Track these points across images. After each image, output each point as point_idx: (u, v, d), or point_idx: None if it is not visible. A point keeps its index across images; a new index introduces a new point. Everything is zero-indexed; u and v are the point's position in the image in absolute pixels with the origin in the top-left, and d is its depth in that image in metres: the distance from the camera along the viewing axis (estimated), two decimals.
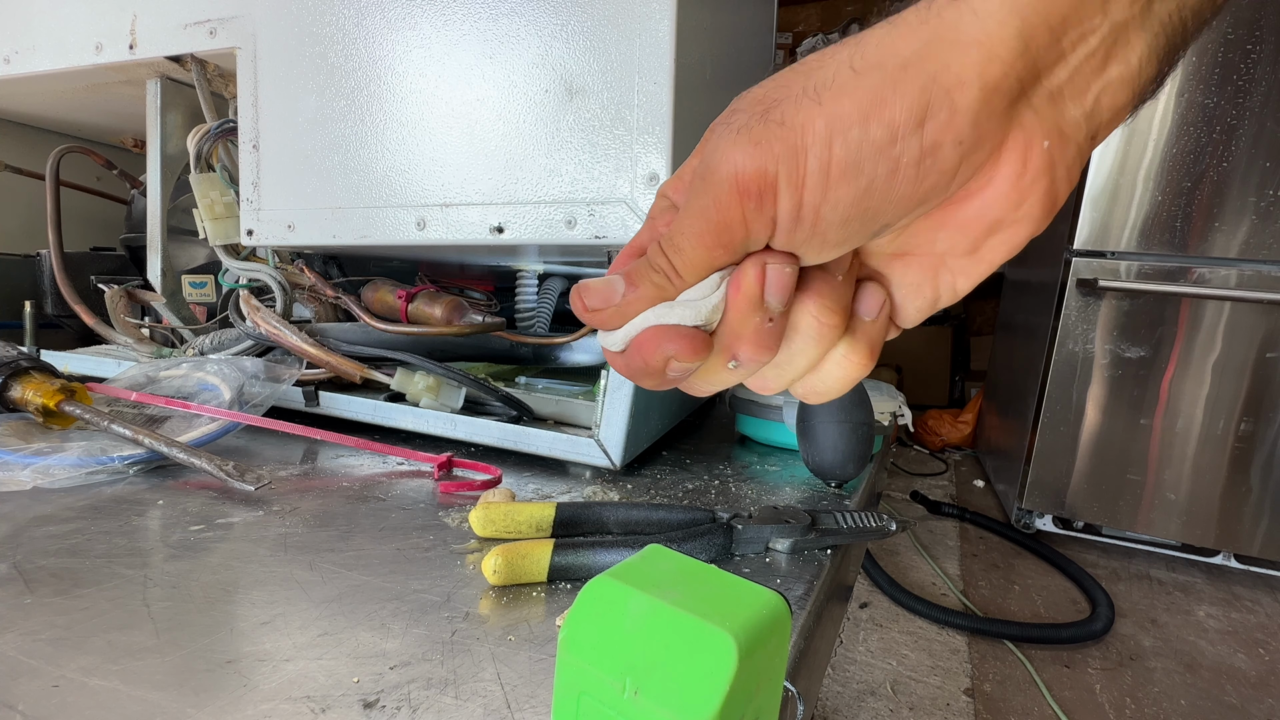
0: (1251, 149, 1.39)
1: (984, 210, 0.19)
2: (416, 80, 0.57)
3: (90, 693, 0.28)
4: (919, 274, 0.22)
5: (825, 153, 0.18)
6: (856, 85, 0.18)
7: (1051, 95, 0.18)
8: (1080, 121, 0.19)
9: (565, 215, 0.54)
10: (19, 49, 0.75)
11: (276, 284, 0.70)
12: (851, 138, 0.18)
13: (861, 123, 0.18)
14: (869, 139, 0.18)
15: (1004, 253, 0.21)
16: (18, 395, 0.58)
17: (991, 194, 0.19)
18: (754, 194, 0.19)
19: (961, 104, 0.17)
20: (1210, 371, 1.49)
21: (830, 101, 0.18)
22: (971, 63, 0.17)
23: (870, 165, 0.18)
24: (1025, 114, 0.18)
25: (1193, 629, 1.37)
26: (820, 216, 0.19)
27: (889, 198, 0.18)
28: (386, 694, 0.28)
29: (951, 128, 0.17)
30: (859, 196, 0.18)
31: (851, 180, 0.18)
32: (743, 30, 0.70)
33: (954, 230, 0.20)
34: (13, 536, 0.41)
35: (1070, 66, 0.18)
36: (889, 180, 0.18)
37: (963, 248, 0.21)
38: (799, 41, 3.17)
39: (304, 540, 0.42)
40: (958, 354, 2.92)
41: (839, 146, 0.18)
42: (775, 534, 0.42)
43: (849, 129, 0.18)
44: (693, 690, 0.19)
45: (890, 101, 0.17)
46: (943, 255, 0.21)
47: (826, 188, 0.18)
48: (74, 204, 1.02)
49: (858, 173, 0.18)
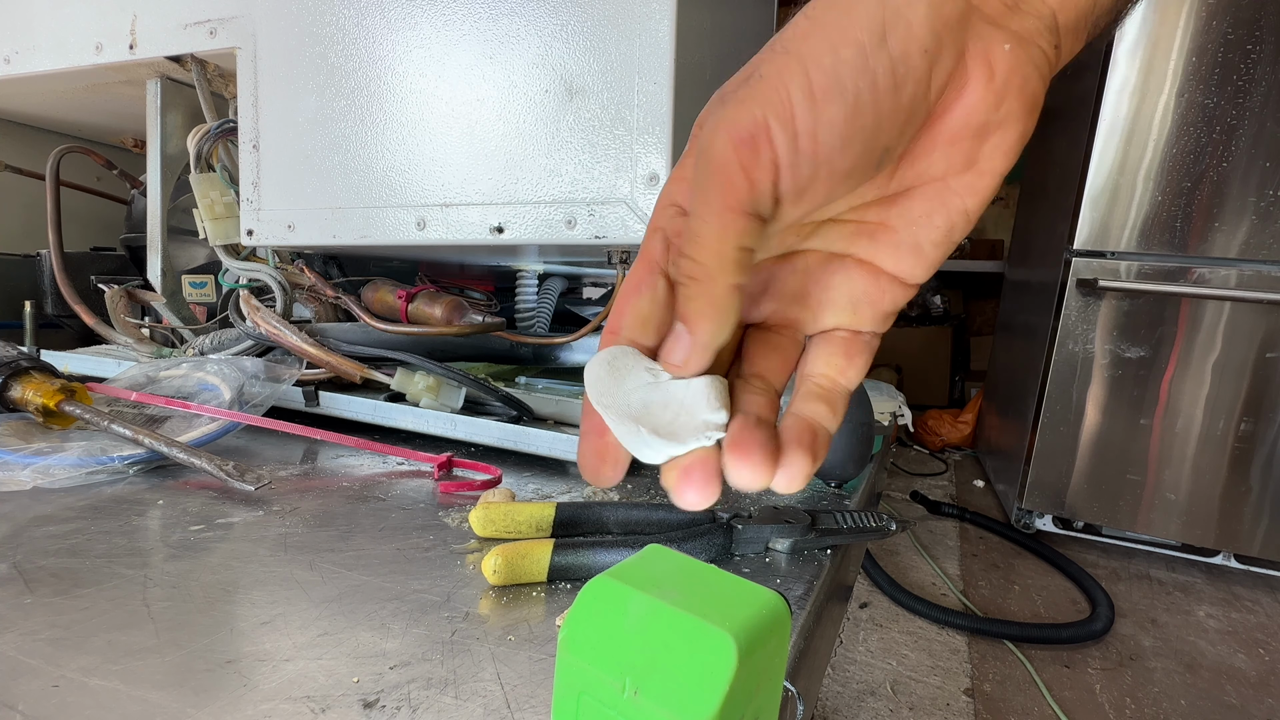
0: (1251, 149, 1.39)
1: (967, 117, 0.20)
2: (416, 80, 0.57)
3: (90, 693, 0.28)
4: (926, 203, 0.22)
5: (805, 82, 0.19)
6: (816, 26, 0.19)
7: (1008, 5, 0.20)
8: (1041, 30, 0.20)
9: (565, 215, 0.54)
10: (19, 49, 0.75)
11: (276, 284, 0.70)
12: (825, 64, 0.19)
13: (831, 50, 0.19)
14: (842, 60, 0.19)
15: (1002, 160, 0.21)
16: (18, 395, 0.58)
17: (969, 99, 0.20)
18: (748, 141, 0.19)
19: (914, 17, 0.19)
20: (1210, 371, 1.49)
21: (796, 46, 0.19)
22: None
23: (851, 82, 0.19)
24: (980, 25, 0.20)
25: (1193, 629, 1.37)
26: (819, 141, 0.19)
27: (879, 113, 0.19)
28: (386, 694, 0.28)
29: (913, 38, 0.19)
30: (850, 114, 0.19)
31: (837, 98, 0.19)
32: (743, 30, 0.70)
33: (946, 147, 0.21)
34: (13, 536, 0.41)
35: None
36: (873, 94, 0.19)
37: (959, 163, 0.21)
38: None
39: (304, 540, 0.42)
40: (958, 354, 2.92)
41: (816, 73, 0.19)
42: (775, 534, 0.42)
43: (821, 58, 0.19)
44: (693, 690, 0.19)
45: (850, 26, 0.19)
46: (944, 177, 0.22)
47: (815, 111, 0.19)
48: (74, 204, 1.02)
49: (841, 90, 0.19)
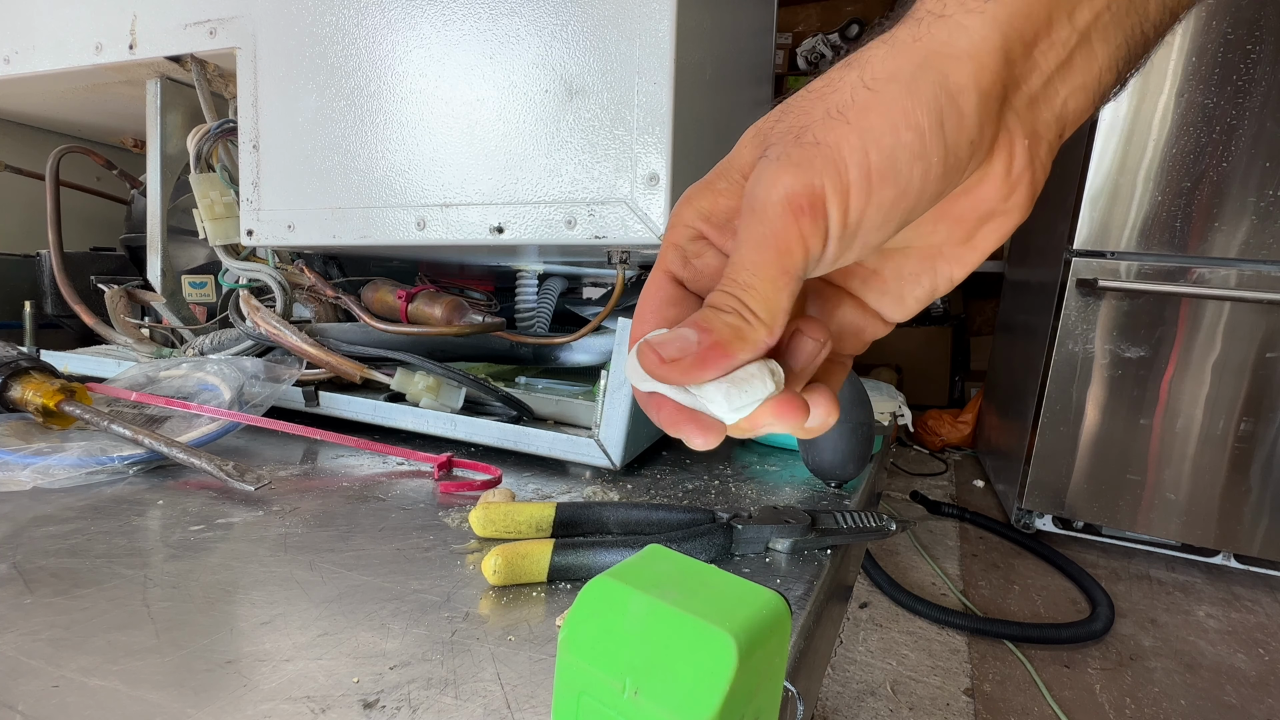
0: (1251, 149, 1.39)
1: (979, 203, 0.21)
2: (416, 80, 0.57)
3: (90, 693, 0.28)
4: (917, 264, 0.24)
5: (864, 160, 0.19)
6: (877, 100, 0.19)
7: (1030, 100, 0.21)
8: (1051, 122, 0.21)
9: (565, 215, 0.54)
10: (19, 49, 0.75)
11: (276, 284, 0.70)
12: (885, 145, 0.19)
13: (892, 131, 0.19)
14: (902, 144, 0.19)
15: (995, 240, 0.23)
16: (18, 395, 0.58)
17: (986, 188, 0.21)
18: (806, 210, 0.19)
19: (966, 108, 0.19)
20: (1210, 371, 1.49)
21: (857, 118, 0.19)
22: (968, 72, 0.19)
23: (906, 167, 0.19)
24: (1009, 116, 0.20)
25: (1193, 629, 1.37)
26: (865, 219, 0.20)
27: (922, 195, 0.20)
28: (386, 694, 0.28)
29: (964, 129, 0.19)
30: (898, 197, 0.20)
31: (890, 183, 0.19)
32: (743, 30, 0.70)
33: (951, 223, 0.22)
34: (13, 536, 0.41)
35: (1043, 75, 0.20)
36: (923, 181, 0.20)
37: (958, 238, 0.23)
38: (799, 41, 3.16)
39: (304, 540, 0.42)
40: (958, 354, 2.92)
41: (874, 154, 0.19)
42: (775, 534, 0.42)
43: (881, 137, 0.19)
44: (693, 690, 0.19)
45: (912, 110, 0.19)
46: (940, 246, 0.23)
47: (869, 193, 0.19)
48: (74, 204, 1.02)
49: (895, 175, 0.19)
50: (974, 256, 0.23)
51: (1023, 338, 1.95)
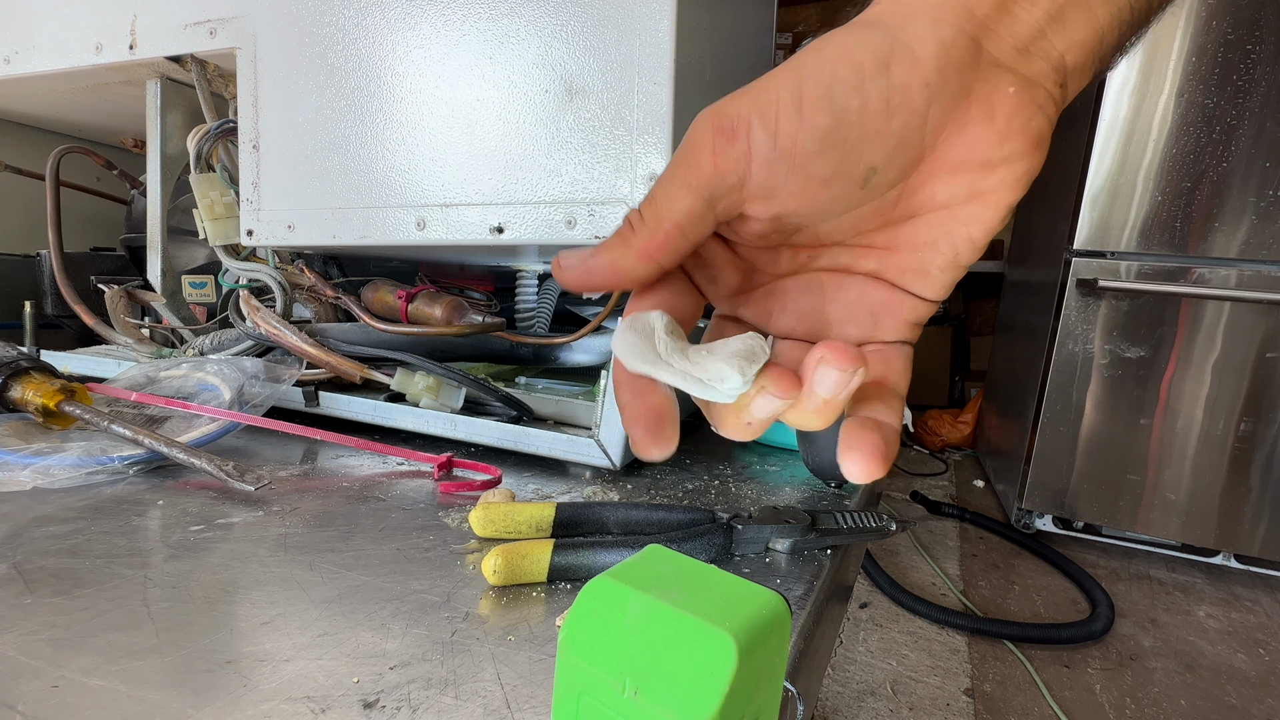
0: (1251, 149, 1.39)
1: (968, 152, 0.21)
2: (416, 80, 0.57)
3: (90, 693, 0.28)
4: (930, 230, 0.23)
5: (797, 89, 0.20)
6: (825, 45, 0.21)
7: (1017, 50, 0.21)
8: (1048, 72, 0.21)
9: (565, 215, 0.54)
10: (19, 49, 0.75)
11: (276, 284, 0.70)
12: (822, 76, 0.20)
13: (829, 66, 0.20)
14: (838, 76, 0.20)
15: (1006, 192, 0.22)
16: (18, 395, 0.58)
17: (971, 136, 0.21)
18: (727, 130, 0.20)
19: (923, 54, 0.20)
20: (1210, 371, 1.49)
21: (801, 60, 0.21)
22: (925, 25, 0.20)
23: (841, 98, 0.20)
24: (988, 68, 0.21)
25: (1193, 629, 1.37)
26: (798, 144, 0.20)
27: (864, 131, 0.20)
28: (386, 694, 0.28)
29: (918, 71, 0.20)
30: (834, 125, 0.20)
31: (824, 109, 0.20)
32: (743, 30, 0.70)
33: (948, 177, 0.22)
34: (13, 536, 0.41)
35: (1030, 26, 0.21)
36: (861, 113, 0.20)
37: (963, 193, 0.22)
38: (799, 41, 3.17)
39: (304, 540, 0.42)
40: (958, 354, 2.92)
41: (809, 83, 0.20)
42: (775, 534, 0.42)
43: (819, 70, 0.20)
44: (693, 690, 0.19)
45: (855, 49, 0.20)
46: (947, 206, 0.23)
47: (800, 117, 0.20)
48: (74, 204, 1.02)
49: (830, 103, 0.20)
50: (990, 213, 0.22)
51: (1023, 338, 1.95)
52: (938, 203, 0.22)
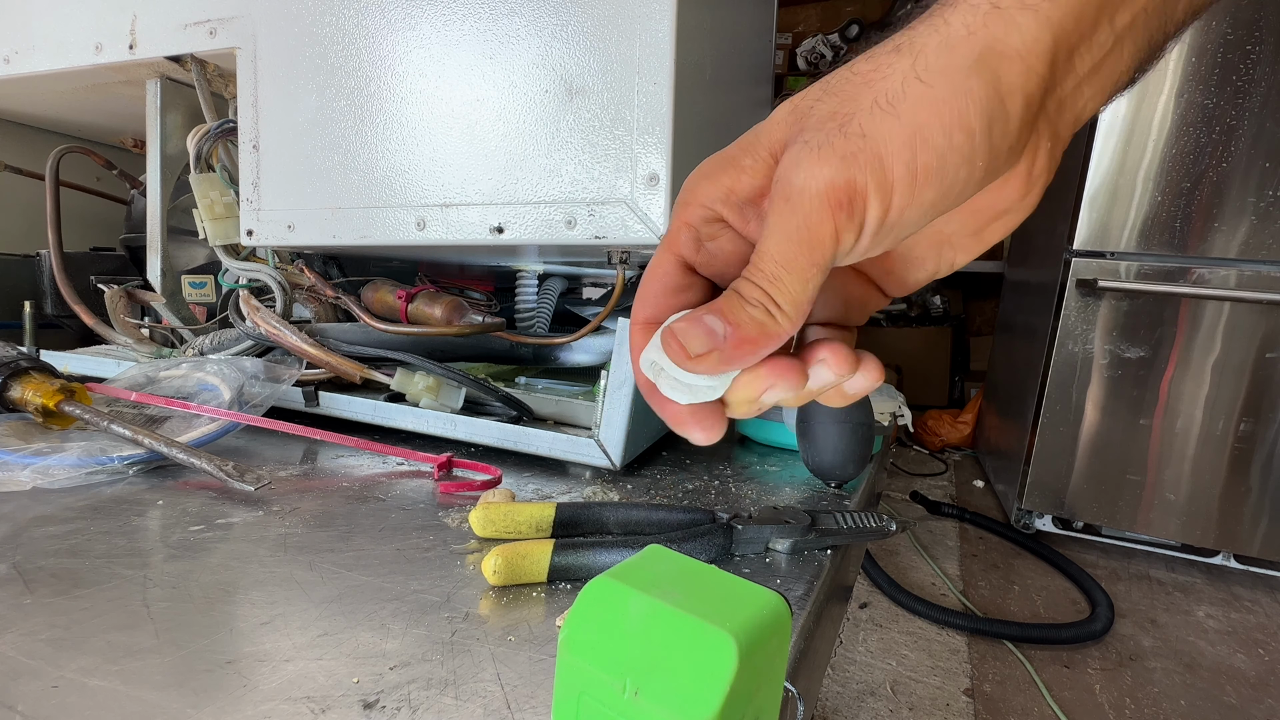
0: (1251, 149, 1.39)
1: (999, 201, 0.21)
2: (416, 80, 0.57)
3: (90, 693, 0.28)
4: (925, 250, 0.24)
5: (912, 160, 0.19)
6: (931, 96, 0.19)
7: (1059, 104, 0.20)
8: (1071, 123, 0.21)
9: (565, 215, 0.54)
10: (19, 49, 0.75)
11: (276, 284, 0.70)
12: (936, 145, 0.19)
13: (945, 133, 0.18)
14: (953, 146, 0.19)
15: (1003, 233, 0.23)
16: (18, 395, 0.58)
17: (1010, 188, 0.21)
18: (845, 205, 0.19)
19: (1013, 111, 0.19)
20: (1210, 371, 1.49)
21: (908, 113, 0.19)
22: (1018, 73, 0.19)
23: (953, 169, 0.19)
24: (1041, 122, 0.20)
25: (1192, 629, 1.37)
26: (904, 219, 0.20)
27: (961, 196, 0.20)
28: (386, 694, 0.28)
29: (1008, 133, 0.19)
30: (939, 197, 0.19)
31: (936, 183, 0.19)
32: (743, 30, 0.70)
33: (968, 216, 0.22)
34: (13, 537, 0.41)
35: (1077, 79, 0.20)
36: (966, 184, 0.19)
37: (970, 230, 0.23)
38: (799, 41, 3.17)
39: (304, 540, 0.42)
40: (957, 354, 2.92)
41: (923, 154, 0.19)
42: (775, 534, 0.42)
43: (933, 137, 0.18)
44: (693, 690, 0.19)
45: (966, 111, 0.18)
46: (951, 236, 0.23)
47: (914, 192, 0.19)
48: (74, 204, 1.02)
49: (941, 176, 0.19)
50: (980, 247, 0.23)
51: (1023, 338, 1.95)
52: (944, 234, 0.23)
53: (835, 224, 0.19)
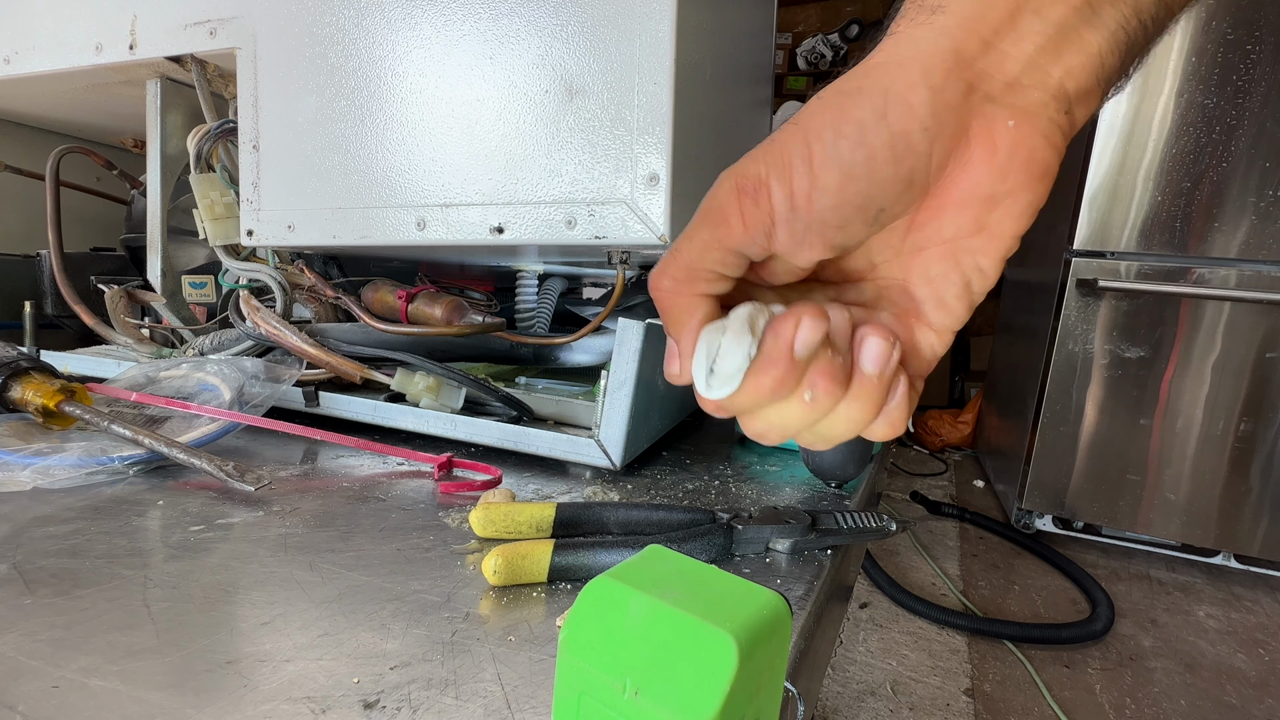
0: (1251, 149, 1.39)
1: (972, 187, 0.22)
2: (416, 80, 0.57)
3: (90, 693, 0.28)
4: (939, 263, 0.24)
5: (806, 151, 0.22)
6: (825, 105, 0.22)
7: (1008, 85, 0.21)
8: (1047, 101, 0.22)
9: (565, 215, 0.54)
10: (19, 49, 0.75)
11: (276, 284, 0.70)
12: (826, 137, 0.21)
13: (834, 126, 0.21)
14: (842, 135, 0.21)
15: (1011, 225, 0.23)
16: (18, 395, 0.58)
17: (974, 172, 0.22)
18: (749, 191, 0.22)
19: (915, 100, 0.21)
20: (1210, 371, 1.49)
21: (805, 121, 0.22)
22: (915, 73, 0.21)
23: (848, 154, 0.21)
24: (982, 104, 0.21)
25: (1193, 629, 1.37)
26: (813, 203, 0.22)
27: (873, 180, 0.22)
28: (387, 694, 0.28)
29: (914, 117, 0.21)
30: (843, 180, 0.21)
31: (833, 167, 0.21)
32: (743, 30, 0.70)
33: (953, 212, 0.23)
34: (13, 537, 0.41)
35: (1020, 61, 0.21)
36: (868, 165, 0.21)
37: (968, 227, 0.23)
38: (799, 42, 3.17)
39: (304, 541, 0.42)
40: (958, 354, 2.92)
41: (816, 144, 0.22)
42: (775, 534, 0.42)
43: (822, 132, 0.22)
44: (693, 690, 0.19)
45: (851, 107, 0.21)
46: (954, 239, 0.24)
47: (812, 175, 0.22)
48: (74, 204, 1.02)
49: (837, 160, 0.21)
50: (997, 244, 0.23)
51: (1023, 338, 1.95)
52: (944, 236, 0.24)
53: (740, 206, 0.22)
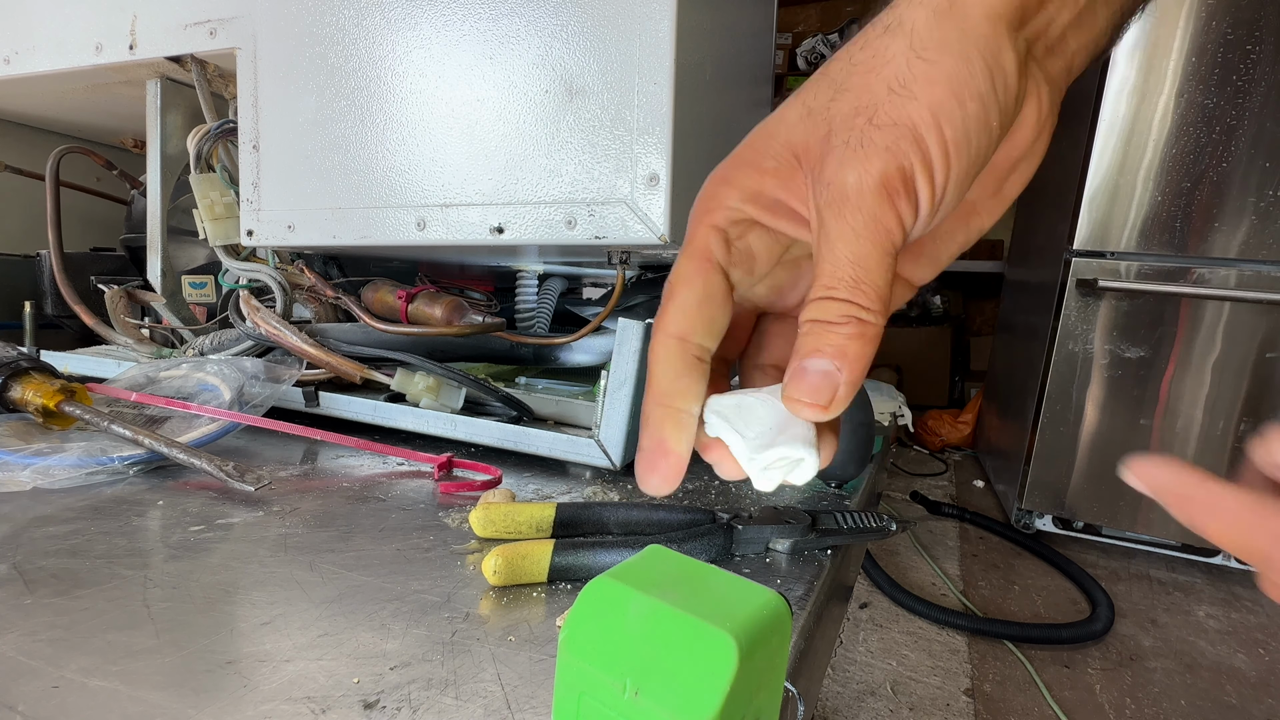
0: (1251, 149, 1.39)
1: (1012, 151, 0.22)
2: (416, 80, 0.57)
3: (90, 693, 0.28)
4: (953, 222, 0.24)
5: (940, 136, 0.19)
6: (937, 72, 0.19)
7: (1048, 49, 0.22)
8: (1064, 71, 0.22)
9: (565, 215, 0.54)
10: (19, 49, 0.75)
11: (276, 284, 0.70)
12: (956, 118, 0.19)
13: (960, 104, 0.19)
14: (970, 115, 0.20)
15: (1019, 187, 0.23)
16: (18, 395, 0.58)
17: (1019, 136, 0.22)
18: (901, 191, 0.20)
19: (1009, 66, 0.20)
20: (1210, 371, 1.49)
21: (923, 93, 0.19)
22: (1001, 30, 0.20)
23: (976, 137, 0.20)
24: (1033, 67, 0.21)
25: (1193, 629, 1.37)
26: (948, 193, 0.20)
27: (985, 158, 0.21)
28: (387, 694, 0.28)
29: (1009, 88, 0.20)
30: (969, 165, 0.20)
31: (964, 153, 0.20)
32: (743, 30, 0.69)
33: (986, 176, 0.23)
34: (13, 537, 0.41)
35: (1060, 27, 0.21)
36: (988, 149, 0.20)
37: (990, 190, 0.23)
38: (799, 42, 3.17)
39: (304, 541, 0.42)
40: (958, 354, 2.92)
41: (948, 129, 0.19)
42: (775, 534, 0.42)
43: (952, 112, 0.19)
44: (693, 691, 0.19)
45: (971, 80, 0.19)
46: (973, 201, 0.24)
47: (949, 166, 0.20)
48: (74, 204, 1.02)
49: (968, 146, 0.20)
50: (1001, 207, 0.23)
51: (1023, 338, 1.95)
52: (968, 201, 0.23)
53: (897, 211, 0.20)
